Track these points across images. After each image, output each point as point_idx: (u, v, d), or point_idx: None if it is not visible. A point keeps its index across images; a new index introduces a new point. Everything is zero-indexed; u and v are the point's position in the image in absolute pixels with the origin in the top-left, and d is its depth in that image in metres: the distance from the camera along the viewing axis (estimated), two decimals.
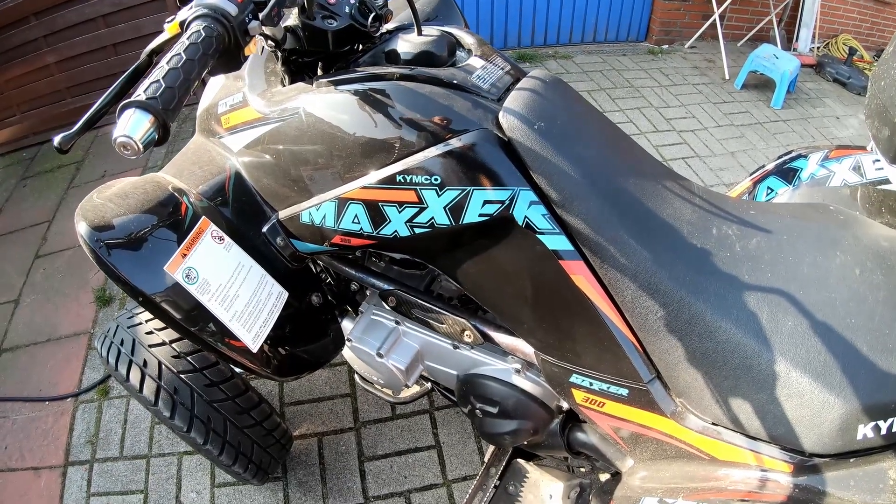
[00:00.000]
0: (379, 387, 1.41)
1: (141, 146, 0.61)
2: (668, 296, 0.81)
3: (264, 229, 1.07)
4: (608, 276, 0.83)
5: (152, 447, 1.73)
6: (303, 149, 0.94)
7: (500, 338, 1.04)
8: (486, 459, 1.38)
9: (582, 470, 1.43)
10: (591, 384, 0.93)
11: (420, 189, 0.84)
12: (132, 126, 0.61)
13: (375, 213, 0.89)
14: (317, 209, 0.97)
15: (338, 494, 1.63)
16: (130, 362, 1.29)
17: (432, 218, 0.85)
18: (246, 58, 1.11)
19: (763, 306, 0.80)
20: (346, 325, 1.33)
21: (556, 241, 0.82)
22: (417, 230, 0.87)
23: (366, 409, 1.84)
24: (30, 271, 2.44)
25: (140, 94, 0.63)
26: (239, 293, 0.95)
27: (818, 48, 4.88)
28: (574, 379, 0.94)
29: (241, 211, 1.07)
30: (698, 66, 4.32)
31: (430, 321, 1.08)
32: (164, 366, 1.28)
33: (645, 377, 0.88)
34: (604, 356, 0.88)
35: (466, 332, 1.05)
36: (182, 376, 1.28)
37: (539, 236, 0.82)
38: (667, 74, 4.13)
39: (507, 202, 0.82)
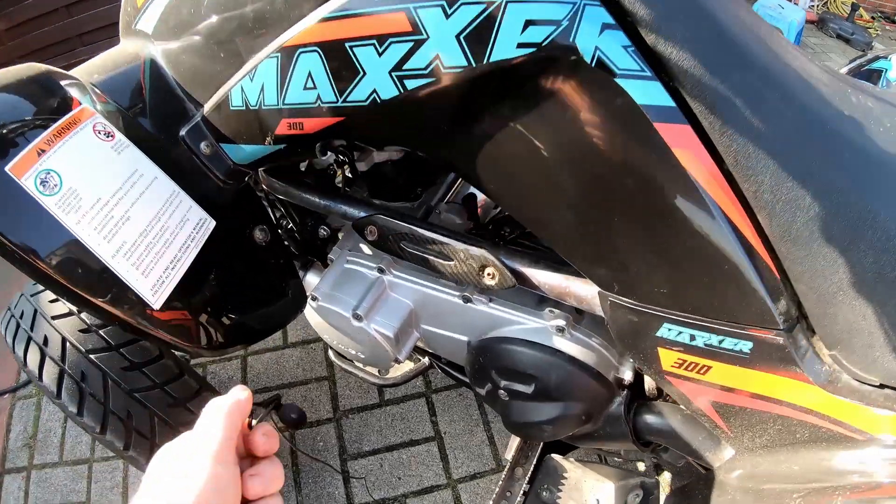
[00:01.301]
0: (360, 365, 1.06)
1: None
2: (827, 187, 0.50)
3: (182, 133, 0.72)
4: (733, 151, 0.50)
5: (94, 450, 1.52)
6: None
7: (541, 275, 0.71)
8: (508, 456, 1.06)
9: (640, 466, 1.10)
10: (691, 338, 0.61)
11: (415, 8, 0.49)
12: None
13: (340, 63, 0.55)
14: (251, 79, 0.63)
15: (316, 502, 1.31)
16: (29, 340, 0.95)
17: (436, 58, 0.51)
18: None
19: None
20: (311, 279, 0.98)
21: (648, 91, 0.49)
22: (411, 83, 0.52)
23: (347, 394, 1.53)
24: None
25: None
26: (130, 215, 0.60)
27: (818, 5, 4.74)
28: (664, 332, 0.62)
29: (157, 111, 0.73)
30: None
31: (431, 258, 0.73)
32: (68, 343, 0.94)
33: (780, 322, 0.56)
34: (718, 289, 0.55)
35: (488, 271, 0.71)
36: (92, 356, 0.94)
37: (620, 82, 0.48)
38: None
39: (566, 23, 0.48)
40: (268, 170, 0.89)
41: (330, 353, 1.15)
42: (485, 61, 0.50)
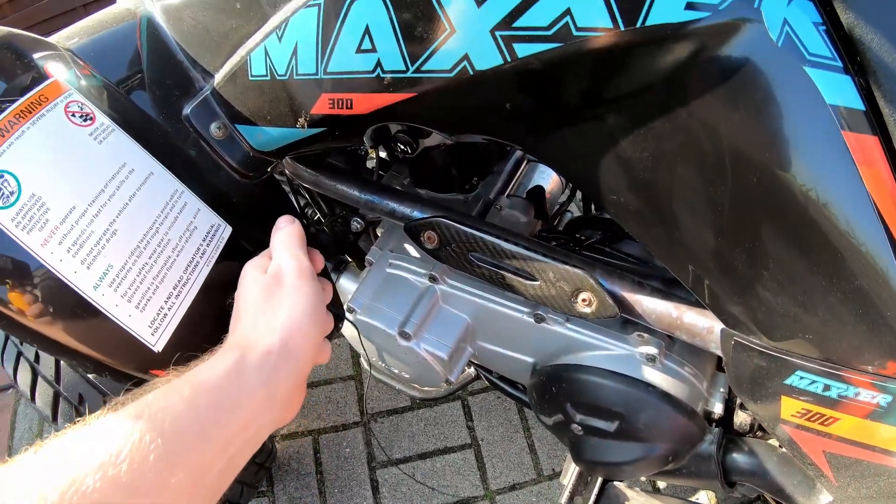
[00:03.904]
0: (401, 381, 0.92)
1: None
2: None
3: (186, 111, 0.56)
4: None
5: None
6: None
7: (648, 303, 0.56)
8: (565, 481, 0.93)
9: (702, 496, 0.97)
10: (825, 388, 0.50)
11: None
12: None
13: (416, 14, 0.39)
14: (280, 37, 0.46)
15: None
16: (19, 356, 0.82)
17: (566, 13, 0.35)
18: None
19: None
20: (346, 285, 0.83)
21: (839, 88, 0.37)
22: (523, 47, 0.36)
23: (376, 395, 1.40)
24: None
25: None
26: (116, 227, 0.44)
27: None
28: (794, 380, 0.51)
29: (155, 85, 0.57)
30: None
31: (509, 276, 0.57)
32: (62, 361, 0.80)
33: None
34: (873, 338, 0.45)
35: (584, 296, 0.55)
36: (90, 377, 0.81)
37: (809, 71, 0.36)
38: None
39: None
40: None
41: (363, 360, 1.01)
42: (638, 24, 0.34)
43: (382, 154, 0.90)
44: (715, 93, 0.37)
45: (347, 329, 0.78)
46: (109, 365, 0.44)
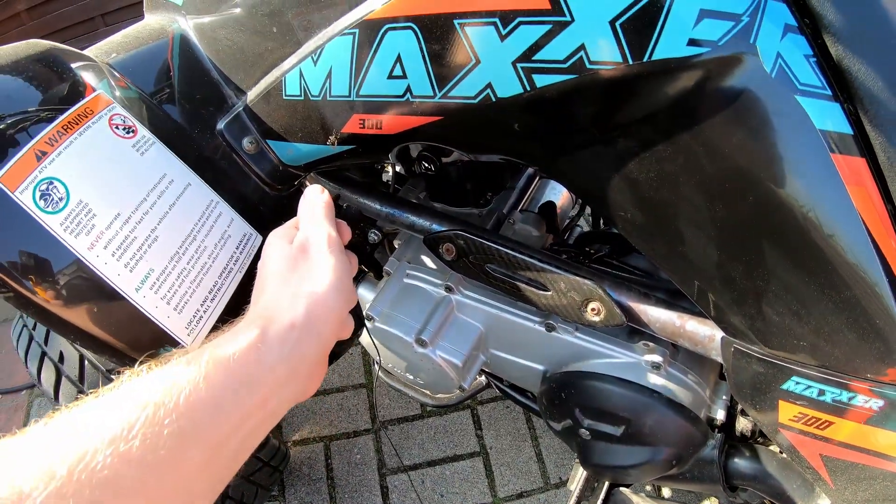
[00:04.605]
0: (414, 387, 0.95)
1: None
2: None
3: (220, 126, 0.60)
4: None
5: None
6: None
7: (653, 312, 0.59)
8: (572, 487, 0.94)
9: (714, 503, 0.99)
10: (820, 392, 0.53)
11: None
12: None
13: (444, 45, 0.42)
14: (315, 61, 0.50)
15: None
16: (43, 356, 0.84)
17: (580, 49, 0.38)
18: None
19: None
20: (364, 294, 0.86)
21: (828, 114, 0.40)
22: (542, 78, 0.40)
23: (387, 403, 1.43)
24: None
25: None
26: (157, 234, 0.47)
27: None
28: (790, 385, 0.54)
29: (188, 99, 0.61)
30: None
31: (523, 287, 0.60)
32: (87, 361, 0.83)
33: None
34: (864, 346, 0.48)
35: (593, 306, 0.58)
36: (113, 377, 0.82)
37: (800, 100, 0.39)
38: None
39: (746, 19, 0.38)
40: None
41: (376, 367, 1.04)
42: (645, 58, 0.37)
43: (398, 168, 0.94)
44: (714, 120, 0.40)
45: (365, 338, 0.81)
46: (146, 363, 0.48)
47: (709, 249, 0.47)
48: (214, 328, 0.44)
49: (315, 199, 0.50)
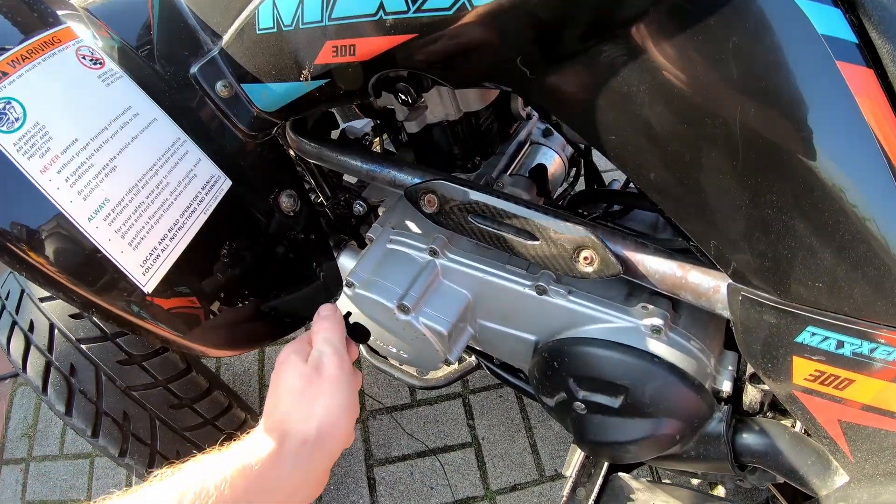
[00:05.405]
0: (398, 363, 0.91)
1: None
2: None
3: (193, 70, 0.57)
4: None
5: None
6: None
7: (651, 262, 0.56)
8: (567, 473, 0.90)
9: (719, 491, 0.95)
10: (839, 345, 0.48)
11: None
12: None
13: None
14: None
15: None
16: (13, 324, 0.81)
17: None
18: None
19: None
20: (345, 262, 0.82)
21: (830, 20, 0.37)
22: None
23: (375, 392, 1.38)
24: None
25: None
26: (116, 164, 0.44)
27: None
28: (806, 337, 0.49)
29: (166, 47, 0.59)
30: None
31: (509, 237, 0.57)
32: (56, 329, 0.80)
33: None
34: (886, 284, 0.43)
35: (585, 254, 0.54)
36: (83, 346, 0.80)
37: (798, 1, 0.37)
38: None
39: None
40: (296, 128, 0.73)
41: (361, 347, 0.99)
42: None
43: (388, 147, 0.91)
44: (704, 24, 0.37)
45: (345, 307, 0.78)
46: (97, 302, 0.44)
47: (706, 176, 0.43)
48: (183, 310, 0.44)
49: (329, 318, 0.55)
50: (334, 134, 0.88)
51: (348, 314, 0.62)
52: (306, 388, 0.48)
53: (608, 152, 0.45)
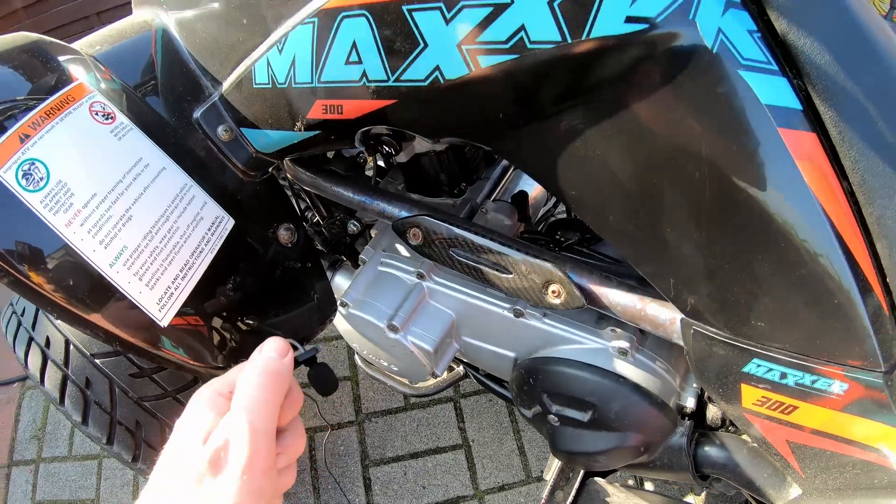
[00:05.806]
0: (390, 374, 0.97)
1: None
2: None
3: (196, 115, 0.62)
4: (861, 168, 0.42)
5: None
6: None
7: (614, 295, 0.60)
8: (547, 477, 0.96)
9: (692, 499, 1.01)
10: (782, 376, 0.52)
11: None
12: None
13: (395, 31, 0.44)
14: (280, 50, 0.52)
15: None
16: (30, 340, 0.86)
17: (521, 29, 0.40)
18: None
19: None
20: (340, 282, 0.88)
21: (774, 89, 0.40)
22: (486, 59, 0.41)
23: (371, 396, 1.44)
24: None
25: None
26: (132, 214, 0.49)
27: None
28: (752, 367, 0.54)
29: (169, 90, 0.63)
30: None
31: (486, 270, 0.62)
32: (72, 345, 0.85)
33: (882, 363, 0.47)
34: (823, 325, 0.47)
35: (553, 288, 0.60)
36: (97, 361, 0.85)
37: (743, 74, 0.40)
38: None
39: None
40: (293, 158, 0.78)
41: (356, 356, 1.05)
42: (583, 37, 0.39)
43: (381, 163, 0.96)
44: (656, 96, 0.41)
45: (341, 324, 0.83)
46: (119, 336, 0.49)
47: (659, 228, 0.48)
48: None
49: (267, 371, 0.40)
50: (329, 154, 0.93)
51: (314, 356, 0.50)
52: (196, 487, 0.35)
53: (571, 205, 0.50)
